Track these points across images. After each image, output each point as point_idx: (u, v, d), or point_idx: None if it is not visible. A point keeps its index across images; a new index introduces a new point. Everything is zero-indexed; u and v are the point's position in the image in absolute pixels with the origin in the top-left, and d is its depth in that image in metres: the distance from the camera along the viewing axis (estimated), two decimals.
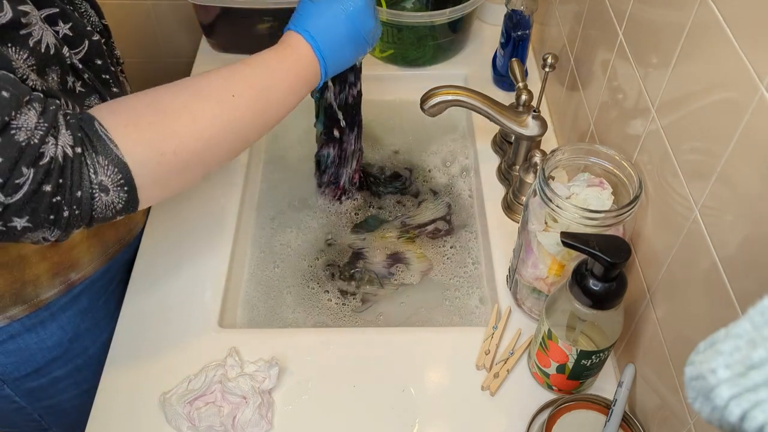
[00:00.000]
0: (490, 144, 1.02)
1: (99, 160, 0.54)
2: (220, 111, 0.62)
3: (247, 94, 0.64)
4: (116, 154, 0.55)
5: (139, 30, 1.33)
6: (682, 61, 0.59)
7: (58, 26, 0.61)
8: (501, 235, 0.90)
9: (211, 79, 0.63)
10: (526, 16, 1.01)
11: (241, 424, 0.70)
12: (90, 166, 0.54)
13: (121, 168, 0.55)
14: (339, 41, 0.69)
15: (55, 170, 0.52)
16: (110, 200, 0.56)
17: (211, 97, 0.62)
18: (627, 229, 0.68)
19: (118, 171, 0.55)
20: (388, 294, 0.91)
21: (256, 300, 0.90)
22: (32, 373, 0.79)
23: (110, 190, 0.55)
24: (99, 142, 0.55)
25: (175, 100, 0.60)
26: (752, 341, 0.30)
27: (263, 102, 0.65)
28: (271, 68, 0.66)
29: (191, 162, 0.61)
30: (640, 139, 0.68)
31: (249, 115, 0.64)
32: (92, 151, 0.54)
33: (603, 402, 0.70)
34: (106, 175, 0.55)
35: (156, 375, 0.76)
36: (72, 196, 0.53)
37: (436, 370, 0.77)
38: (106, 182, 0.55)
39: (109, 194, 0.56)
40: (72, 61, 0.62)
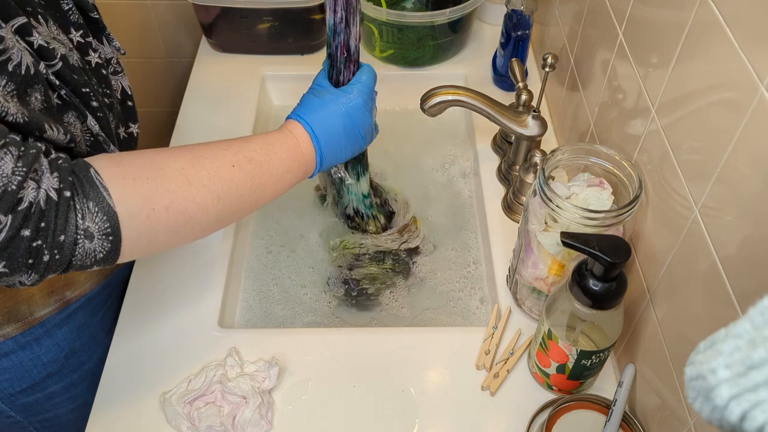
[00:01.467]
0: (490, 144, 1.02)
1: (89, 205, 0.54)
2: (217, 178, 0.62)
3: (246, 166, 0.65)
4: (108, 202, 0.55)
5: (139, 30, 1.33)
6: (682, 61, 0.59)
7: (33, 37, 0.58)
8: (501, 235, 0.90)
9: (212, 147, 0.65)
10: (526, 16, 1.01)
11: (241, 424, 0.70)
12: (78, 210, 0.53)
13: (110, 216, 0.55)
14: (335, 134, 0.73)
15: (35, 214, 0.51)
16: (93, 248, 0.55)
17: (210, 164, 0.63)
18: (627, 229, 0.68)
19: (106, 219, 0.55)
20: (389, 293, 0.91)
21: (256, 300, 0.90)
22: (27, 389, 0.77)
23: (95, 237, 0.54)
24: (92, 188, 0.54)
25: (173, 162, 0.61)
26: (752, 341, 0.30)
27: (260, 176, 0.66)
28: (271, 146, 0.68)
29: (180, 223, 0.61)
30: (640, 139, 0.68)
31: (244, 187, 0.65)
32: (83, 196, 0.54)
33: (603, 402, 0.70)
34: (94, 221, 0.54)
35: (156, 375, 0.76)
36: (54, 240, 0.52)
37: (436, 370, 0.77)
38: (92, 229, 0.54)
39: (93, 242, 0.54)
40: (48, 77, 0.60)
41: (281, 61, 1.16)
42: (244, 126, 1.05)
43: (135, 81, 1.42)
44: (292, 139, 0.70)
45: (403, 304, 0.90)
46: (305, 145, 0.71)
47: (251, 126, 1.05)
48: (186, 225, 0.62)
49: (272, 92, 1.16)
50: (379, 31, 1.10)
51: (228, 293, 0.85)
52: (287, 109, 1.15)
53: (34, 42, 0.58)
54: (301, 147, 0.71)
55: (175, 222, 0.60)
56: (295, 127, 0.72)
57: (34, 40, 0.58)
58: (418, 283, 0.93)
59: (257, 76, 1.13)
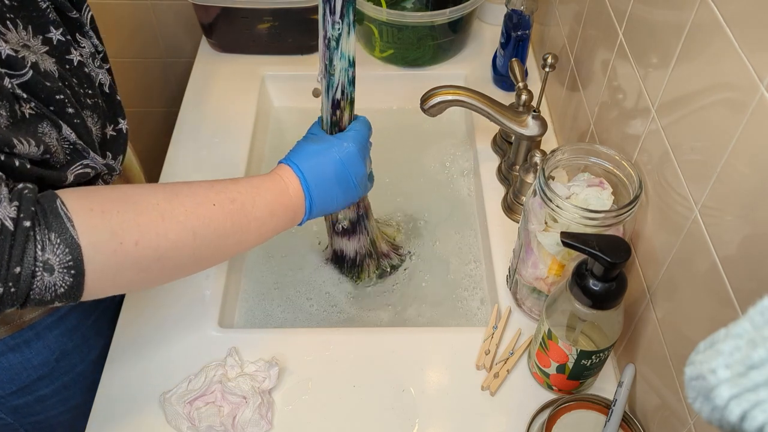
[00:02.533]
0: (490, 144, 1.02)
1: (51, 237, 0.51)
2: (194, 215, 0.60)
3: (227, 206, 0.62)
4: (71, 233, 0.52)
5: (139, 30, 1.33)
6: (682, 61, 0.59)
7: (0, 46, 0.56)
8: (501, 235, 0.90)
9: (193, 185, 0.62)
10: (526, 16, 1.01)
11: (241, 424, 0.70)
12: (38, 242, 0.50)
13: (73, 249, 0.52)
14: (327, 181, 0.70)
15: None
16: (53, 282, 0.52)
17: (189, 200, 0.60)
18: (627, 229, 0.68)
19: (68, 252, 0.52)
20: (390, 293, 0.91)
21: (256, 300, 0.90)
22: (17, 391, 0.76)
23: (55, 270, 0.51)
24: (55, 219, 0.52)
25: (149, 197, 0.58)
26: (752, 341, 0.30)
27: (242, 217, 0.64)
28: (256, 188, 0.66)
29: (150, 259, 0.57)
30: (640, 139, 0.68)
31: (224, 227, 0.62)
32: (44, 226, 0.51)
33: (603, 402, 0.70)
34: (54, 253, 0.51)
35: (156, 375, 0.76)
36: (9, 272, 0.49)
37: (436, 370, 0.77)
38: (52, 261, 0.51)
39: (53, 275, 0.51)
40: (14, 92, 0.56)
41: (281, 61, 1.16)
42: (244, 126, 1.05)
43: (135, 81, 1.43)
44: (281, 183, 0.68)
45: (402, 303, 0.90)
46: (294, 190, 0.69)
47: (251, 126, 1.05)
48: (157, 262, 0.58)
49: (272, 92, 1.16)
50: (379, 31, 1.10)
51: (228, 293, 0.85)
52: (287, 109, 1.17)
53: (2, 52, 0.56)
54: (289, 191, 0.68)
55: (144, 258, 0.57)
56: (285, 171, 0.69)
57: (1, 50, 0.56)
58: (418, 282, 0.93)
59: (257, 76, 1.13)
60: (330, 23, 0.68)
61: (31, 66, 0.58)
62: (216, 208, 0.61)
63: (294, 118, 1.16)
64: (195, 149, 1.01)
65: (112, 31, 1.33)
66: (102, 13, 1.30)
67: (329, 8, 0.67)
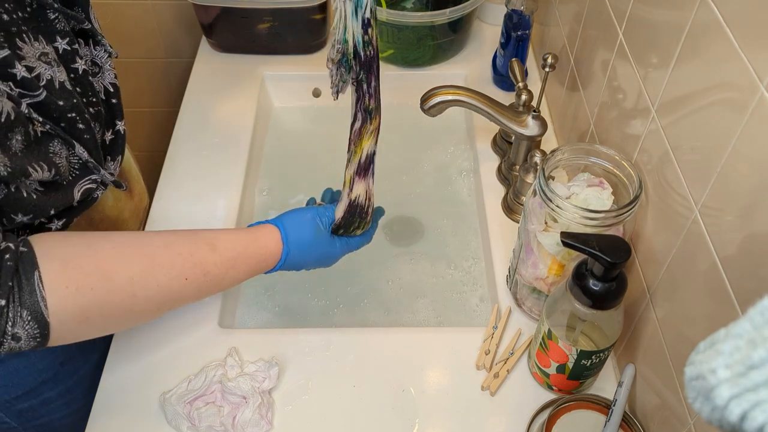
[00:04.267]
0: (490, 144, 1.02)
1: (23, 314, 0.54)
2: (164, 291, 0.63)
3: (200, 280, 0.65)
4: (43, 313, 0.55)
5: (139, 30, 1.33)
6: (682, 62, 0.59)
7: (15, 68, 0.57)
8: (501, 235, 0.90)
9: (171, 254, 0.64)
10: (526, 16, 1.01)
11: (241, 424, 0.70)
12: (10, 318, 0.53)
13: (42, 325, 0.55)
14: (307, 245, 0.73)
15: None
16: (18, 346, 0.55)
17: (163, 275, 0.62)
18: (627, 229, 0.68)
19: (37, 327, 0.55)
20: (390, 292, 0.91)
21: (256, 300, 0.90)
22: (22, 396, 0.77)
23: (22, 340, 0.55)
24: (30, 296, 0.54)
25: (127, 270, 0.61)
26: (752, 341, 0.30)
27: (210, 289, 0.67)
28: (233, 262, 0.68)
29: (112, 326, 0.64)
30: (640, 139, 0.68)
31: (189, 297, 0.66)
32: (18, 304, 0.54)
33: (603, 402, 0.70)
34: (24, 328, 0.54)
35: (156, 375, 0.76)
36: None
37: (436, 370, 0.77)
38: (20, 334, 0.54)
39: (20, 342, 0.55)
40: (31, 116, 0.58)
41: (281, 61, 1.16)
42: (244, 126, 1.05)
43: (135, 81, 1.42)
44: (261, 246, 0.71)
45: (402, 301, 0.90)
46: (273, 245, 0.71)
47: (251, 126, 1.05)
48: (117, 327, 0.65)
49: (272, 92, 1.16)
50: (378, 31, 1.10)
51: (228, 293, 0.85)
52: (287, 109, 1.16)
53: (18, 74, 0.57)
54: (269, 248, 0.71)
55: (107, 325, 0.62)
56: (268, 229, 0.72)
57: (17, 71, 0.57)
58: (418, 281, 0.93)
59: (257, 76, 1.13)
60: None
61: (45, 84, 0.60)
62: (188, 283, 0.64)
63: (294, 118, 1.16)
64: (195, 149, 1.01)
65: (112, 31, 1.33)
66: (102, 13, 1.30)
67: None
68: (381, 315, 0.89)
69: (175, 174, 0.97)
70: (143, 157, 1.50)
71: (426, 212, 1.01)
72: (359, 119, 0.77)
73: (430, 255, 0.96)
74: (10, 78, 0.57)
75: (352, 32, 0.70)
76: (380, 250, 0.97)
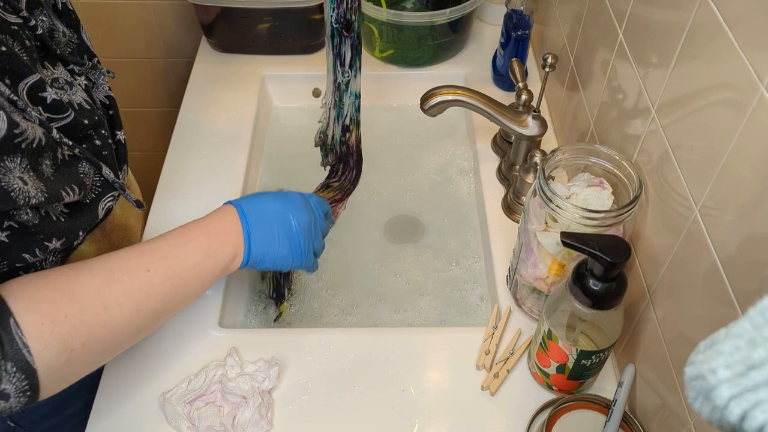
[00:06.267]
0: (490, 144, 1.02)
1: (7, 367, 0.52)
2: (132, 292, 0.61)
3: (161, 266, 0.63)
4: (27, 360, 0.53)
5: (139, 30, 1.33)
6: (682, 61, 0.59)
7: (46, 92, 0.57)
8: (501, 235, 0.90)
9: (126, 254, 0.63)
10: (526, 16, 1.01)
11: (241, 424, 0.70)
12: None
13: (30, 375, 0.53)
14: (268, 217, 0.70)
15: None
16: (9, 406, 0.53)
17: (124, 276, 0.61)
18: (627, 229, 0.68)
19: (25, 378, 0.53)
20: (390, 291, 0.91)
21: (256, 300, 0.90)
22: (48, 414, 0.77)
23: (11, 397, 0.53)
24: (11, 346, 0.52)
25: (89, 284, 0.59)
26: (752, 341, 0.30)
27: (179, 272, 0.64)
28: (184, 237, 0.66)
29: (98, 353, 0.60)
30: (640, 139, 0.68)
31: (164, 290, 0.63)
32: (1, 357, 0.52)
33: (603, 402, 0.70)
34: (11, 382, 0.52)
35: (156, 375, 0.76)
36: None
37: (436, 370, 0.77)
38: (8, 390, 0.52)
39: (9, 401, 0.53)
40: (62, 140, 0.59)
41: (281, 61, 1.16)
42: (244, 126, 1.05)
43: (135, 81, 1.42)
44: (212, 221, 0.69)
45: (402, 300, 0.90)
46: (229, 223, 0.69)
47: (251, 126, 1.05)
48: (104, 353, 0.61)
49: (272, 92, 1.16)
50: (379, 31, 1.10)
51: (228, 293, 0.85)
52: (287, 109, 1.16)
53: (48, 98, 0.58)
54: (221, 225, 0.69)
55: (92, 353, 0.59)
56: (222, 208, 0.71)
57: (47, 95, 0.57)
58: (418, 279, 0.93)
59: (257, 76, 1.13)
60: (340, 72, 0.78)
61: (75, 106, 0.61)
62: (151, 274, 0.62)
63: (294, 117, 1.16)
64: (195, 149, 1.01)
65: (112, 31, 1.33)
66: (102, 13, 1.30)
67: (339, 61, 0.77)
68: (381, 313, 0.89)
69: (175, 174, 0.97)
70: (143, 157, 1.50)
71: (426, 212, 1.01)
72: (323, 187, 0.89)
73: (429, 254, 0.96)
74: (40, 102, 0.58)
75: (332, 132, 0.84)
76: (380, 249, 0.97)
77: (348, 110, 0.82)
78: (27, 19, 0.58)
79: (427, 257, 0.95)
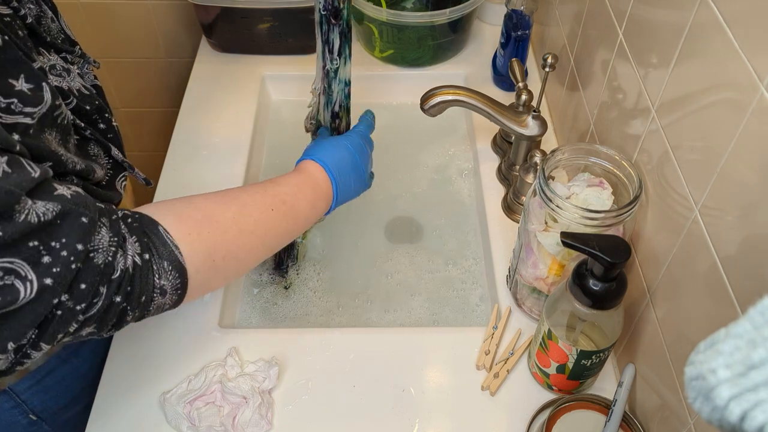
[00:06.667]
0: (490, 144, 1.02)
1: (164, 265, 0.58)
2: (261, 224, 0.68)
3: (281, 209, 0.70)
4: (180, 260, 0.59)
5: (139, 30, 1.33)
6: (682, 61, 0.59)
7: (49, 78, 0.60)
8: (501, 235, 0.90)
9: (251, 193, 0.70)
10: (526, 16, 1.01)
11: (241, 424, 0.70)
12: (155, 271, 0.57)
13: (182, 273, 0.59)
14: (346, 171, 0.78)
15: (125, 281, 0.54)
16: (163, 302, 0.59)
17: (254, 210, 0.68)
18: (627, 229, 0.68)
19: (178, 276, 0.59)
20: (389, 290, 0.91)
21: (256, 300, 0.90)
22: (68, 404, 0.78)
23: (168, 293, 0.59)
24: (164, 247, 0.58)
25: (225, 212, 0.65)
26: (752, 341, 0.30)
27: (293, 216, 0.72)
28: (297, 187, 0.74)
29: (232, 269, 0.66)
30: (640, 139, 0.68)
31: (282, 228, 0.71)
32: (158, 256, 0.57)
33: (603, 402, 0.70)
34: (168, 279, 0.58)
35: (156, 375, 0.76)
36: (138, 301, 0.56)
37: (436, 370, 0.77)
38: (166, 286, 0.58)
39: (166, 297, 0.59)
40: (76, 122, 0.63)
41: (281, 61, 1.16)
42: (244, 126, 1.05)
43: (135, 81, 1.42)
44: (312, 178, 0.76)
45: (402, 299, 0.90)
46: (323, 181, 0.76)
47: (251, 126, 1.05)
48: (236, 270, 0.68)
49: (272, 92, 1.16)
50: (379, 31, 1.10)
51: (228, 293, 0.85)
52: (287, 108, 1.16)
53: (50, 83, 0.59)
54: (320, 183, 0.76)
55: (228, 268, 0.65)
56: (312, 166, 0.77)
57: (50, 81, 0.59)
58: (418, 279, 0.93)
59: (257, 76, 1.13)
60: (329, 59, 0.77)
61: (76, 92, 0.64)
62: (274, 213, 0.70)
63: (294, 117, 1.16)
64: (195, 149, 1.01)
65: (112, 31, 1.33)
66: (102, 13, 1.30)
67: (328, 48, 0.77)
68: (381, 312, 0.89)
69: (176, 174, 0.97)
70: (143, 157, 1.51)
71: (426, 212, 1.01)
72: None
73: (429, 253, 0.96)
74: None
75: (323, 118, 0.84)
76: (380, 249, 0.97)
77: (337, 97, 0.82)
78: (17, 9, 0.60)
79: (426, 257, 0.95)
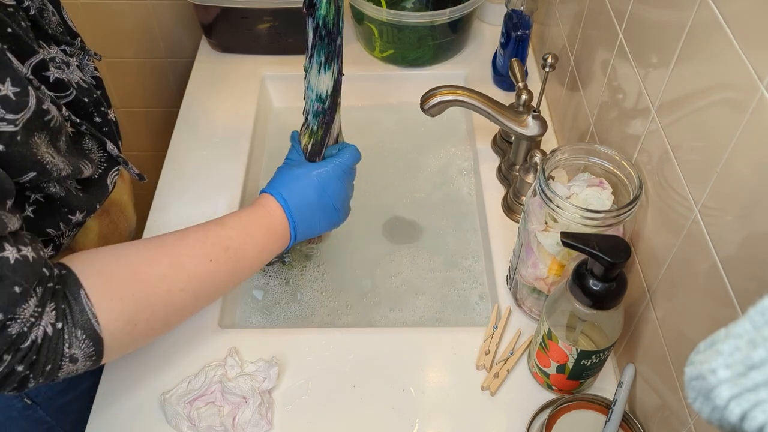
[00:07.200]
0: (490, 144, 1.02)
1: (77, 334, 0.56)
2: (195, 279, 0.65)
3: (222, 257, 0.67)
4: (95, 330, 0.57)
5: (139, 30, 1.33)
6: (682, 61, 0.59)
7: (49, 71, 0.60)
8: (501, 235, 0.90)
9: (190, 241, 0.66)
10: (526, 16, 1.01)
11: (241, 424, 0.70)
12: (66, 340, 0.55)
13: (96, 342, 0.57)
14: (309, 206, 0.73)
15: (32, 352, 0.53)
16: (75, 368, 0.57)
17: (189, 262, 0.65)
18: (627, 229, 0.68)
19: (92, 344, 0.57)
20: (389, 290, 0.91)
21: (256, 300, 0.90)
22: (64, 390, 0.78)
23: (79, 360, 0.57)
24: (81, 315, 0.56)
25: (156, 267, 0.63)
26: (752, 341, 0.30)
27: (237, 263, 0.68)
28: (246, 229, 0.70)
29: (157, 329, 0.65)
30: (640, 139, 0.68)
31: (221, 279, 0.68)
32: (72, 324, 0.55)
33: (603, 402, 0.70)
34: (80, 348, 0.56)
35: (156, 375, 0.76)
36: (42, 370, 0.54)
37: (436, 370, 0.77)
38: (77, 355, 0.56)
39: (77, 364, 0.57)
40: (71, 118, 0.62)
41: (281, 61, 1.16)
42: (243, 126, 1.05)
43: (135, 81, 1.42)
44: (267, 217, 0.72)
45: (402, 299, 0.90)
46: (279, 220, 0.72)
47: (251, 126, 1.05)
48: (163, 329, 0.66)
49: (272, 92, 1.16)
50: (379, 31, 1.10)
51: (228, 293, 0.85)
52: (287, 109, 1.16)
53: (50, 76, 0.59)
54: (274, 221, 0.72)
55: (153, 329, 0.64)
56: (269, 201, 0.73)
57: (51, 74, 0.59)
58: (418, 278, 0.93)
59: (257, 76, 1.13)
60: (306, 57, 0.72)
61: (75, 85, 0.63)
62: (213, 264, 0.66)
63: (294, 118, 1.15)
64: (195, 149, 1.01)
65: (112, 31, 1.33)
66: (102, 13, 1.30)
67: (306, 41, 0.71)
68: (381, 312, 0.89)
69: (176, 174, 0.97)
70: (143, 157, 1.50)
71: (426, 212, 1.01)
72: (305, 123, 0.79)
73: (429, 253, 0.96)
74: (44, 81, 0.60)
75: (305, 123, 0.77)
76: (380, 249, 0.97)
77: (307, 106, 0.75)
78: (20, 1, 0.60)
79: (426, 257, 0.95)
